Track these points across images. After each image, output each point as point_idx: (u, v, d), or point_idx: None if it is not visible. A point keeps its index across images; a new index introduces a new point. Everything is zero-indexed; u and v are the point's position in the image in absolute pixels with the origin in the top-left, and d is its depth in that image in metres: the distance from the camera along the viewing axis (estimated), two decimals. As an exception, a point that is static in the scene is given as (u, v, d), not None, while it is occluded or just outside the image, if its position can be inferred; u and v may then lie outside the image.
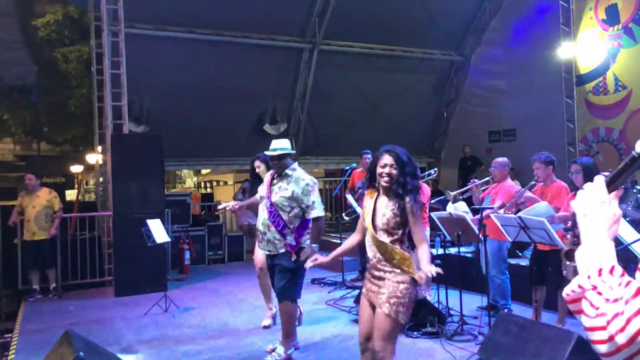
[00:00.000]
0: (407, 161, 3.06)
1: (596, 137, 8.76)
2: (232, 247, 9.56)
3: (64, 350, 3.46)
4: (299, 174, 4.28)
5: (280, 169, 4.27)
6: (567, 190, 4.65)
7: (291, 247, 4.20)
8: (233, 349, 4.71)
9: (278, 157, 4.25)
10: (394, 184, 3.03)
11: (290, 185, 4.20)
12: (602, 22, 8.63)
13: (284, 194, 4.19)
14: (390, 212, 3.02)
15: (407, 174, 3.04)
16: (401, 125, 11.53)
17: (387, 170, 3.03)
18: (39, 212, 7.00)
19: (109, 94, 7.74)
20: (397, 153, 3.06)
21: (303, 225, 4.22)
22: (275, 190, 4.25)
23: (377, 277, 3.03)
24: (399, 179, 3.02)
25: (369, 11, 10.02)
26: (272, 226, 4.20)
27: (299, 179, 4.21)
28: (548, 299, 4.77)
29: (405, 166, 3.04)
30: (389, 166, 3.03)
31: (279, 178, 4.30)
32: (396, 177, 3.02)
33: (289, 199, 4.17)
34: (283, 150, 4.25)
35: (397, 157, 3.04)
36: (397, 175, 3.02)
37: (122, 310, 6.22)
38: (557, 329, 3.79)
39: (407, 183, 3.02)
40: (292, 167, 4.30)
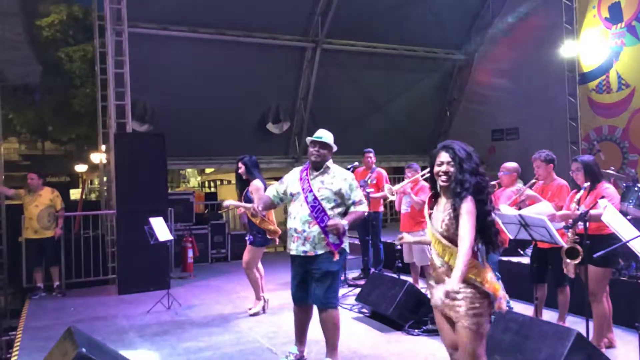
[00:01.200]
0: (465, 157, 2.76)
1: (599, 135, 8.74)
2: (235, 246, 9.57)
3: (67, 347, 3.50)
4: (339, 169, 4.08)
5: (319, 160, 3.99)
6: (568, 188, 4.64)
7: (334, 247, 3.90)
8: (235, 346, 4.73)
9: (320, 145, 3.99)
10: (452, 182, 2.75)
11: (335, 180, 3.96)
12: (605, 20, 8.61)
13: (330, 188, 3.93)
14: (447, 215, 2.75)
15: (466, 171, 2.73)
16: (404, 124, 11.55)
17: (443, 168, 2.78)
18: (41, 211, 7.05)
19: (113, 93, 7.79)
20: (454, 149, 2.79)
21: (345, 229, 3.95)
22: (317, 185, 3.96)
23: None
24: (457, 176, 2.74)
25: (371, 10, 10.04)
26: (315, 223, 3.87)
27: (342, 175, 4.00)
28: (548, 296, 4.78)
29: (464, 162, 2.75)
30: (445, 164, 2.78)
31: (316, 172, 4.01)
32: (454, 175, 2.75)
33: (335, 194, 3.92)
34: (328, 140, 4.01)
35: (453, 153, 2.77)
36: (454, 172, 2.75)
37: (125, 308, 6.26)
38: (556, 326, 3.80)
39: (465, 181, 2.71)
40: (331, 162, 4.08)
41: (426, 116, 12.12)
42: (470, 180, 2.73)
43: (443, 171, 2.78)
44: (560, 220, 4.21)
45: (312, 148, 4.03)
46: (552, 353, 3.36)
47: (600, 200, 3.84)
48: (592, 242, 3.81)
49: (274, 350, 4.59)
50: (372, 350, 4.57)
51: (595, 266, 3.96)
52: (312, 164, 4.05)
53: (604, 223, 3.80)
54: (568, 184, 4.71)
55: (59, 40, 14.12)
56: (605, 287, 4.20)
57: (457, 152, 2.78)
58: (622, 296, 4.77)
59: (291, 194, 4.05)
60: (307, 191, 3.95)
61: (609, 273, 4.21)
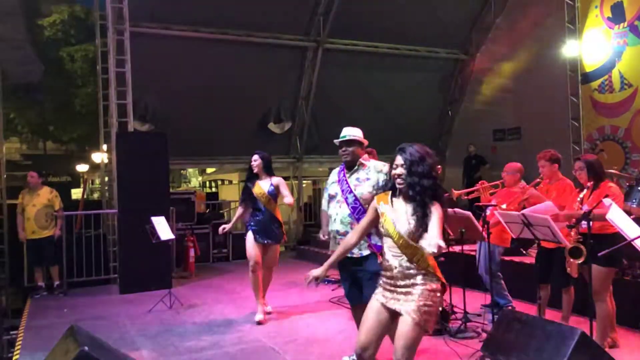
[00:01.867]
0: (416, 160, 2.80)
1: (601, 135, 8.72)
2: (236, 245, 9.58)
3: (68, 345, 3.49)
4: (375, 163, 3.90)
5: (350, 159, 3.87)
6: (572, 187, 4.63)
7: (377, 248, 3.75)
8: (236, 345, 4.73)
9: (347, 143, 3.86)
10: (405, 185, 2.81)
11: (372, 174, 3.82)
12: (608, 20, 8.59)
13: (368, 184, 3.80)
14: (412, 219, 2.78)
15: (415, 174, 2.78)
16: (405, 124, 11.52)
17: (397, 171, 2.83)
18: (39, 210, 7.05)
19: (114, 92, 7.79)
20: (406, 152, 2.84)
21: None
22: (355, 183, 3.83)
23: (402, 286, 2.80)
24: (406, 179, 2.80)
25: (373, 9, 10.02)
26: (356, 224, 3.68)
27: (377, 168, 3.84)
28: (553, 296, 4.76)
29: (413, 165, 2.79)
30: (399, 166, 2.83)
31: (351, 171, 3.89)
32: (407, 179, 2.80)
33: (375, 188, 3.76)
34: (353, 136, 3.87)
35: (406, 156, 2.82)
36: (407, 176, 2.80)
37: (127, 307, 6.25)
38: (560, 325, 3.76)
39: (414, 184, 2.77)
40: (366, 158, 3.92)
41: (428, 116, 12.10)
42: (421, 183, 2.77)
43: (397, 174, 2.83)
44: (563, 220, 4.19)
45: (340, 150, 3.93)
46: (556, 352, 3.33)
47: (604, 199, 3.83)
48: (595, 241, 3.79)
49: (276, 349, 4.58)
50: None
51: (599, 266, 3.95)
52: (345, 164, 3.94)
53: (607, 222, 3.79)
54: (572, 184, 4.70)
55: (61, 40, 14.14)
56: (609, 286, 4.18)
57: (409, 155, 2.82)
58: (626, 296, 4.76)
59: (330, 196, 3.99)
60: (346, 192, 3.85)
61: (613, 273, 4.20)
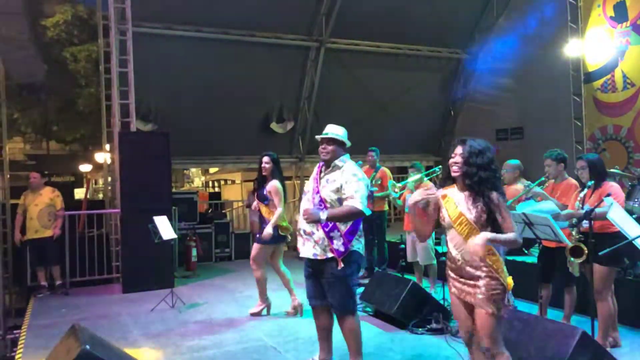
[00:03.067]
0: (475, 152, 2.88)
1: (604, 134, 8.70)
2: (239, 245, 9.61)
3: (70, 344, 3.50)
4: (350, 166, 3.80)
5: (328, 158, 3.79)
6: (577, 187, 4.63)
7: (338, 254, 3.69)
8: (238, 344, 4.74)
9: (327, 141, 3.80)
10: (462, 175, 2.90)
11: (338, 177, 3.74)
12: (610, 19, 8.57)
13: (332, 186, 3.74)
14: (474, 208, 2.86)
15: (472, 165, 2.86)
16: (408, 124, 11.53)
17: (455, 160, 2.94)
18: (41, 210, 7.08)
19: (117, 92, 7.81)
20: (467, 143, 2.94)
21: (353, 230, 3.73)
22: (323, 184, 3.80)
23: (468, 277, 2.89)
24: (463, 168, 2.89)
25: (375, 9, 10.02)
26: (320, 226, 3.70)
27: (349, 171, 3.74)
28: (554, 296, 4.75)
29: (471, 157, 2.88)
30: (458, 155, 2.93)
31: (327, 170, 3.83)
32: (463, 168, 2.89)
33: (337, 192, 3.71)
34: (335, 135, 3.81)
35: (466, 147, 2.92)
36: (463, 165, 2.90)
37: (129, 306, 6.27)
38: (561, 325, 3.78)
39: (472, 174, 2.86)
40: (342, 158, 3.82)
41: (430, 115, 12.09)
42: (478, 174, 2.85)
43: (453, 162, 2.95)
44: (564, 219, 4.19)
45: (320, 147, 3.86)
46: (557, 351, 3.34)
47: (605, 198, 3.82)
48: (596, 240, 3.79)
49: (278, 348, 4.59)
50: (376, 349, 4.56)
51: (600, 265, 3.94)
52: (324, 163, 3.88)
53: (608, 221, 3.79)
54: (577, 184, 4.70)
55: (64, 40, 14.16)
56: (611, 286, 4.18)
57: (470, 146, 2.91)
58: (627, 295, 4.75)
59: (305, 192, 3.97)
60: (314, 192, 3.82)
61: (614, 272, 4.20)
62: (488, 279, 2.83)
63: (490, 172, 2.88)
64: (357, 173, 3.77)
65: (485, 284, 2.83)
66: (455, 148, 2.97)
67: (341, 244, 3.70)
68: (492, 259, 2.84)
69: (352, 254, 3.76)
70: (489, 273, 2.84)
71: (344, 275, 3.71)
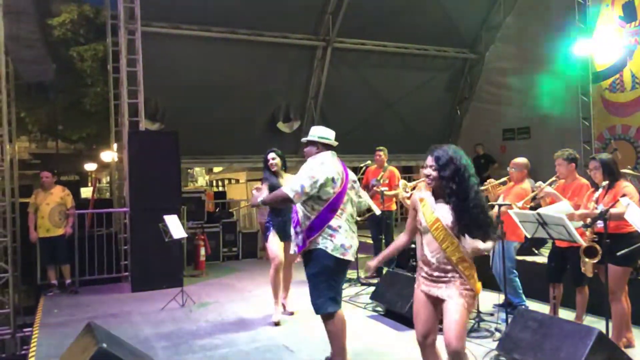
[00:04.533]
0: (444, 163, 2.87)
1: (613, 134, 8.68)
2: (246, 244, 9.63)
3: (86, 342, 3.52)
4: (310, 161, 3.82)
5: (305, 157, 3.91)
6: (589, 187, 4.61)
7: (298, 249, 3.85)
8: (250, 343, 4.75)
9: (305, 144, 3.96)
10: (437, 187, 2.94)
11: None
12: (619, 18, 8.55)
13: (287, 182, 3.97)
14: (450, 216, 2.90)
15: (443, 177, 2.88)
16: (414, 123, 11.52)
17: (426, 172, 2.97)
18: (52, 209, 7.11)
19: (125, 91, 7.83)
20: (434, 154, 2.92)
21: (313, 227, 3.73)
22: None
23: (440, 278, 2.94)
24: (437, 180, 2.91)
25: (382, 9, 10.02)
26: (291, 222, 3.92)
27: (306, 164, 3.81)
28: (566, 295, 4.75)
29: (442, 169, 2.88)
30: (428, 167, 2.95)
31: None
32: (435, 179, 2.92)
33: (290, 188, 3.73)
34: (311, 137, 3.90)
35: (435, 158, 2.91)
36: (435, 176, 2.91)
37: (139, 305, 6.28)
38: (577, 325, 3.78)
39: (445, 186, 2.88)
40: (315, 156, 3.86)
41: (437, 115, 12.08)
42: (448, 186, 2.86)
43: (425, 174, 2.99)
44: (579, 219, 4.18)
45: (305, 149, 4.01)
46: (573, 352, 3.33)
47: (621, 198, 3.81)
48: (611, 240, 3.78)
49: (291, 347, 4.60)
50: (387, 348, 4.57)
51: (615, 265, 3.94)
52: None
53: (623, 222, 3.78)
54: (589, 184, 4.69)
55: (70, 40, 14.20)
56: (625, 286, 4.17)
57: (436, 158, 2.90)
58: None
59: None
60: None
61: (628, 272, 4.19)
62: (460, 282, 2.91)
63: (457, 183, 2.86)
64: (310, 167, 3.75)
65: (455, 282, 2.91)
66: (427, 158, 2.97)
67: (301, 239, 3.78)
68: (464, 266, 2.92)
69: (316, 252, 3.73)
70: (460, 278, 2.92)
71: (309, 274, 3.78)
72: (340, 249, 3.72)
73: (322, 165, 3.76)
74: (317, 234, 3.72)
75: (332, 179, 3.73)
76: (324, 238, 3.71)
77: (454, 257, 2.91)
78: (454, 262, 2.91)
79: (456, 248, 2.91)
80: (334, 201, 3.73)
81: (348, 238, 3.77)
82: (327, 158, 3.83)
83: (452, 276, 2.92)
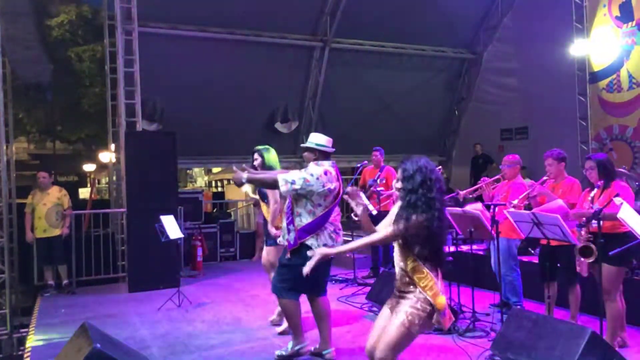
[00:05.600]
0: (408, 176, 2.87)
1: (610, 134, 8.68)
2: (243, 245, 9.63)
3: (81, 342, 3.52)
4: (314, 167, 4.09)
5: (305, 163, 4.24)
6: (579, 185, 4.64)
7: (289, 245, 4.10)
8: (246, 344, 4.75)
9: (304, 150, 4.26)
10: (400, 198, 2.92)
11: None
12: (616, 18, 8.55)
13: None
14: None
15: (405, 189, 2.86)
16: (412, 124, 11.53)
17: (397, 185, 2.95)
18: (49, 209, 7.12)
19: (123, 92, 7.83)
20: (402, 167, 2.92)
21: (308, 229, 4.01)
22: None
23: (402, 292, 2.91)
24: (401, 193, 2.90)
25: (380, 9, 10.02)
26: (285, 216, 4.21)
27: (306, 168, 4.10)
28: (559, 295, 4.76)
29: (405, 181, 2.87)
30: (399, 180, 2.94)
31: None
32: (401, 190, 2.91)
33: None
34: (309, 144, 4.16)
35: (402, 171, 2.92)
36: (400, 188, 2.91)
37: (136, 306, 6.28)
38: (570, 324, 3.78)
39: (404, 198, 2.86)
40: (319, 163, 4.12)
41: (435, 115, 12.10)
42: (406, 198, 2.85)
43: (396, 186, 2.97)
44: (573, 219, 4.19)
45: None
46: (567, 351, 3.34)
47: (615, 198, 3.82)
48: (605, 240, 3.79)
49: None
50: (383, 349, 4.56)
51: (609, 265, 3.94)
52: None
53: (617, 221, 3.79)
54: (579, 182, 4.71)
55: (68, 40, 14.21)
56: (619, 286, 4.17)
57: (403, 170, 2.91)
58: (635, 296, 4.75)
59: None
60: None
61: (623, 272, 4.19)
62: (415, 299, 2.83)
63: (417, 196, 2.82)
64: (312, 172, 4.00)
65: (409, 297, 2.85)
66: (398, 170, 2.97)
67: (292, 237, 4.07)
68: (419, 277, 2.85)
69: (303, 247, 4.00)
70: (418, 293, 2.84)
71: (283, 263, 4.15)
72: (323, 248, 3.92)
73: (324, 175, 4.04)
74: (308, 236, 4.04)
75: (329, 189, 4.03)
76: (312, 237, 4.04)
77: (409, 267, 2.87)
78: (409, 272, 2.87)
79: (409, 259, 2.86)
80: (330, 210, 4.08)
81: (331, 239, 4.08)
82: (330, 168, 4.13)
83: (410, 291, 2.86)
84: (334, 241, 4.08)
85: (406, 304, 2.85)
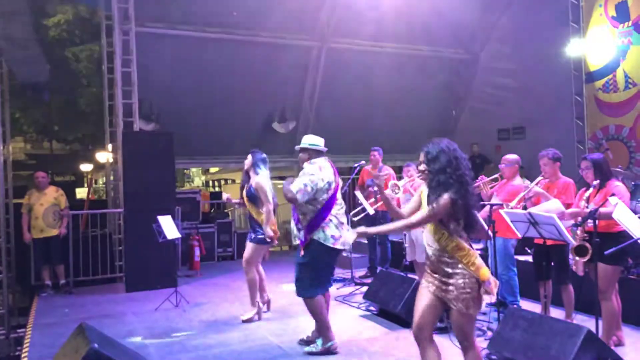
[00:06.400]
0: (433, 157, 2.99)
1: (606, 134, 8.73)
2: (241, 244, 9.58)
3: (78, 343, 3.53)
4: (308, 166, 4.32)
5: (301, 164, 4.42)
6: (574, 185, 4.66)
7: (301, 242, 4.34)
8: (243, 343, 4.76)
9: (299, 151, 4.45)
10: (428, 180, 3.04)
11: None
12: (612, 19, 8.59)
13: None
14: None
15: (432, 171, 2.99)
16: (410, 123, 11.53)
17: (420, 167, 3.07)
18: (46, 209, 7.11)
19: (120, 92, 7.83)
20: (425, 150, 3.05)
21: (313, 224, 4.25)
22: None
23: (442, 274, 2.99)
24: (429, 175, 3.02)
25: (377, 9, 10.02)
26: (292, 218, 4.48)
27: (305, 169, 4.31)
28: (557, 294, 4.78)
29: (431, 163, 3.00)
30: (422, 163, 3.06)
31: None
32: (427, 173, 3.03)
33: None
34: (303, 144, 4.40)
35: (425, 153, 3.04)
36: (426, 170, 3.03)
37: (133, 306, 6.29)
38: (566, 323, 3.80)
39: (432, 180, 2.99)
40: (312, 161, 4.35)
41: (432, 115, 12.09)
42: (435, 179, 2.97)
43: (420, 169, 3.10)
44: (569, 218, 4.22)
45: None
46: (562, 350, 3.36)
47: (610, 197, 3.84)
48: (601, 239, 3.81)
49: (283, 347, 4.61)
50: (380, 348, 4.58)
51: (605, 264, 3.96)
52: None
53: (613, 221, 3.81)
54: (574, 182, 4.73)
55: (66, 40, 14.16)
56: (615, 285, 4.20)
57: (426, 153, 3.04)
58: (631, 295, 4.77)
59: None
60: None
61: (619, 271, 4.21)
62: (458, 278, 2.93)
63: (446, 176, 2.94)
64: (310, 171, 4.24)
65: (454, 283, 2.93)
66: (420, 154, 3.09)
67: (302, 234, 4.33)
68: (460, 254, 2.94)
69: (311, 243, 4.25)
70: (461, 270, 2.93)
71: (300, 262, 4.30)
72: (331, 239, 4.26)
73: (321, 170, 4.27)
74: (314, 230, 4.26)
75: (329, 182, 4.26)
76: (318, 230, 4.26)
77: (449, 247, 2.96)
78: (449, 252, 2.96)
79: (448, 238, 2.96)
80: (329, 202, 4.26)
81: (337, 230, 4.29)
82: (324, 163, 4.34)
83: (452, 272, 2.94)
84: (340, 232, 4.28)
85: (455, 292, 2.92)
